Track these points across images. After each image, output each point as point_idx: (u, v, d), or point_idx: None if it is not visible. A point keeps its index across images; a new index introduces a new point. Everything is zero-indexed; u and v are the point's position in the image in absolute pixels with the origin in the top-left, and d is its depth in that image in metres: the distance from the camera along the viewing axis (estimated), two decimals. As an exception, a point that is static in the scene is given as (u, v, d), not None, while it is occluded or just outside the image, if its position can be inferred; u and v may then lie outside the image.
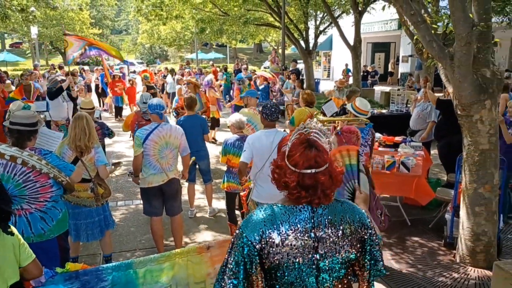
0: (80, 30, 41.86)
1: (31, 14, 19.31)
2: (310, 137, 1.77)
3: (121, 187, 7.23)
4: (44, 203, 3.22)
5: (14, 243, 2.28)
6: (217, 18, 18.91)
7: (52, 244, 3.29)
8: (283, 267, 1.69)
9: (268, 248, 1.67)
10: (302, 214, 1.71)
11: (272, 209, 1.74)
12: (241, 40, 33.03)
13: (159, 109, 4.47)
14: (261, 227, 1.69)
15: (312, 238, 1.69)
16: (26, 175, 3.10)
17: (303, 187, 1.69)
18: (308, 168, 1.69)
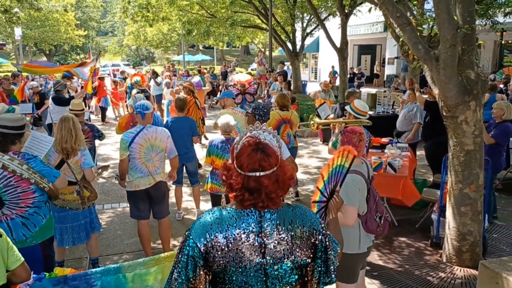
0: (65, 31, 41.42)
1: (15, 15, 19.01)
2: (261, 140, 1.75)
3: (108, 190, 7.15)
4: (26, 208, 3.15)
5: (2, 245, 2.25)
6: (204, 20, 18.89)
7: (34, 250, 3.21)
8: (230, 271, 1.67)
9: (214, 252, 1.66)
10: (250, 218, 1.69)
11: (220, 212, 1.73)
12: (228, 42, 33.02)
13: (142, 108, 4.40)
14: (207, 230, 1.68)
15: (259, 243, 1.67)
16: (7, 179, 3.04)
17: (247, 190, 1.68)
18: (252, 171, 1.68)
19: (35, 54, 50.24)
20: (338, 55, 13.46)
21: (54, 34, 40.90)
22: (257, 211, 1.71)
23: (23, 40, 37.04)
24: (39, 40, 41.33)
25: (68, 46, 49.41)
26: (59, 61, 49.97)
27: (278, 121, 6.05)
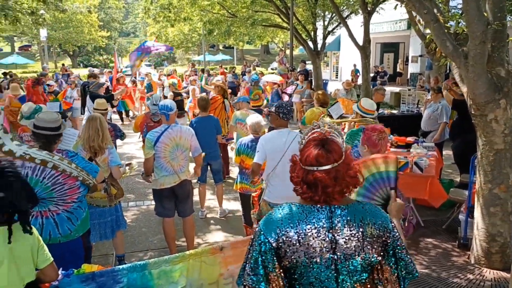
0: (89, 32, 42.19)
1: (41, 17, 19.42)
2: (325, 137, 1.78)
3: (132, 188, 7.25)
4: (71, 204, 3.23)
5: (33, 243, 2.30)
6: (225, 19, 18.90)
7: (77, 243, 3.31)
8: (301, 267, 1.68)
9: (285, 247, 1.68)
10: (320, 214, 1.71)
11: (290, 208, 1.75)
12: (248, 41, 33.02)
13: (165, 109, 4.46)
14: (278, 225, 1.70)
15: (330, 239, 1.68)
16: (54, 178, 3.10)
17: (306, 183, 1.72)
18: (310, 165, 1.71)
19: (59, 55, 51.33)
20: (361, 54, 13.30)
21: (77, 35, 41.73)
22: (327, 207, 1.72)
23: (48, 41, 37.84)
24: (63, 41, 42.19)
25: (91, 47, 50.28)
26: (82, 62, 50.95)
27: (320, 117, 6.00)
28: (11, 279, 2.14)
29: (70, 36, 41.36)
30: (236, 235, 5.38)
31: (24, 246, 2.23)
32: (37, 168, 3.07)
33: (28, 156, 3.03)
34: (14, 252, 2.16)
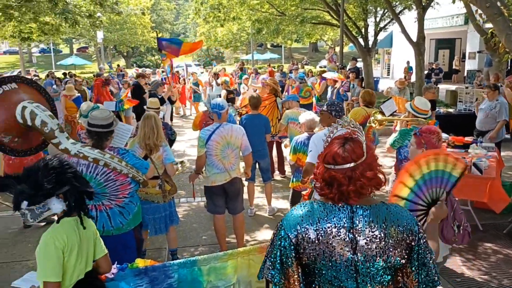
0: (142, 34, 43.69)
1: (98, 20, 20.34)
2: (349, 136, 1.78)
3: (183, 185, 7.42)
4: (123, 199, 3.36)
5: (93, 234, 2.43)
6: (274, 18, 18.92)
7: (129, 236, 3.45)
8: (319, 264, 1.69)
9: (304, 244, 1.70)
10: (341, 213, 1.70)
11: (312, 205, 1.76)
12: (296, 39, 32.86)
13: (218, 108, 4.52)
14: (298, 222, 1.72)
15: (350, 239, 1.67)
16: (107, 175, 3.25)
17: (324, 181, 1.74)
18: (327, 163, 1.73)
19: (114, 56, 53.50)
20: (415, 50, 12.85)
21: (131, 37, 43.33)
22: (348, 206, 1.72)
23: (104, 43, 39.56)
24: (118, 42, 43.98)
25: (144, 48, 52.05)
26: (135, 62, 52.81)
27: (365, 118, 5.87)
28: (79, 266, 2.26)
29: (124, 38, 43.04)
30: (285, 234, 5.37)
31: (89, 234, 2.36)
32: (90, 165, 3.22)
33: (82, 154, 3.18)
34: (83, 241, 2.29)
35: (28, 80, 3.63)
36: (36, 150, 3.56)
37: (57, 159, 2.24)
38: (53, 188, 2.14)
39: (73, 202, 2.21)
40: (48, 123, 3.19)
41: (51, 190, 2.14)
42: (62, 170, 2.19)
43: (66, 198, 2.20)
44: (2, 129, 3.24)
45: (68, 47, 58.02)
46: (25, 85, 3.46)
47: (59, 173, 2.17)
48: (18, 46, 36.20)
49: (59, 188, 2.17)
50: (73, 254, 2.21)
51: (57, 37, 24.41)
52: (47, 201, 2.16)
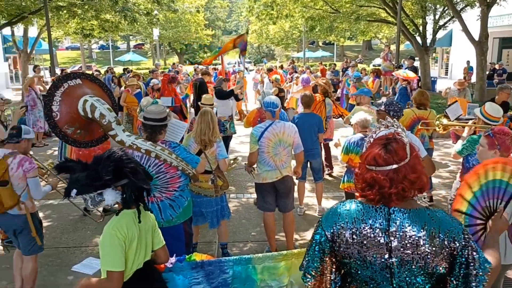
0: (195, 31, 44.62)
1: (155, 17, 21.01)
2: (392, 136, 1.74)
3: (233, 181, 7.51)
4: (173, 192, 3.46)
5: (153, 225, 2.50)
6: (327, 15, 18.70)
7: (178, 229, 3.54)
8: (355, 264, 1.69)
9: (339, 242, 1.71)
10: (378, 215, 1.68)
11: (350, 204, 1.76)
12: (349, 37, 32.26)
13: (272, 106, 4.52)
14: (336, 220, 1.73)
15: (385, 241, 1.64)
16: (158, 166, 3.36)
17: (365, 182, 1.72)
18: (368, 164, 1.71)
19: (168, 53, 55.04)
20: (476, 50, 12.23)
21: (185, 34, 44.35)
22: (386, 208, 1.69)
23: (159, 40, 40.78)
24: (172, 39, 45.14)
25: (196, 45, 53.15)
26: (188, 59, 54.07)
27: (413, 120, 5.68)
28: (138, 257, 2.34)
29: (178, 35, 44.13)
30: (335, 235, 5.29)
31: (147, 226, 2.43)
32: (143, 157, 3.36)
33: (135, 146, 3.34)
34: (142, 232, 2.36)
35: (92, 77, 3.86)
36: (96, 142, 3.76)
37: (120, 153, 2.32)
38: (110, 179, 2.22)
39: (129, 196, 2.28)
40: (106, 116, 3.39)
41: (108, 182, 2.22)
42: (121, 163, 2.26)
43: (124, 191, 2.28)
44: (67, 121, 3.47)
45: (126, 43, 60.36)
46: (88, 81, 3.69)
47: (117, 166, 2.24)
48: (79, 42, 38.14)
49: (116, 180, 2.24)
50: (132, 245, 2.29)
51: (116, 34, 25.50)
52: (103, 191, 2.25)
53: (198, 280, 2.66)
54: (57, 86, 3.52)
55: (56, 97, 3.48)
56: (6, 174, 3.54)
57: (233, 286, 2.75)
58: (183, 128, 4.32)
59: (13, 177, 3.58)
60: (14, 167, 3.58)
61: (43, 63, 33.04)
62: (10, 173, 3.56)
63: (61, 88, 3.52)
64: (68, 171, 2.29)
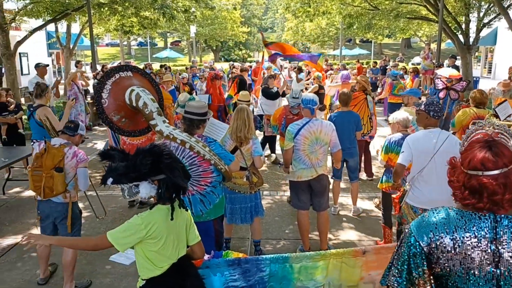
0: (231, 28, 44.91)
1: (192, 14, 21.28)
2: (492, 137, 1.59)
3: (266, 178, 7.49)
4: (204, 187, 3.48)
5: (187, 220, 2.52)
6: (366, 12, 18.35)
7: (208, 226, 3.55)
8: (455, 276, 1.56)
9: (438, 253, 1.57)
10: (482, 223, 1.55)
11: (447, 212, 1.62)
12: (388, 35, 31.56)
13: (311, 104, 4.48)
14: (432, 229, 1.59)
15: (492, 251, 1.51)
16: (192, 158, 3.41)
17: (468, 189, 1.57)
18: (473, 169, 1.56)
19: (204, 50, 55.66)
20: (523, 48, 11.67)
21: (221, 31, 44.75)
22: (492, 215, 1.56)
23: (195, 37, 41.30)
24: (208, 37, 45.64)
25: (232, 42, 53.49)
26: (223, 56, 54.48)
27: (473, 119, 5.42)
28: (171, 252, 2.37)
29: (214, 32, 44.57)
30: (370, 236, 5.20)
31: (181, 222, 2.45)
32: (178, 148, 3.42)
33: (172, 136, 3.42)
34: (174, 228, 2.38)
35: (143, 71, 4.00)
36: (139, 133, 3.88)
37: (161, 148, 2.35)
38: (146, 173, 2.25)
39: (164, 191, 2.31)
40: (149, 105, 3.50)
41: (144, 175, 2.25)
42: (160, 158, 2.29)
43: (160, 186, 2.31)
44: (113, 109, 3.61)
45: (163, 40, 61.48)
46: (139, 74, 3.84)
47: (156, 160, 2.27)
48: (119, 39, 39.14)
49: (153, 174, 2.27)
50: (160, 241, 2.31)
51: (154, 31, 26.02)
52: (140, 184, 2.28)
53: (235, 278, 2.66)
54: (109, 76, 3.68)
55: (106, 85, 3.63)
56: (62, 162, 3.74)
57: (269, 284, 2.74)
58: (224, 130, 4.34)
59: (67, 165, 3.80)
60: (69, 156, 3.80)
61: (84, 59, 34.19)
62: (65, 161, 3.77)
63: (113, 78, 3.67)
64: (109, 159, 2.35)
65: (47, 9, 14.27)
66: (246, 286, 2.73)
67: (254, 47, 59.21)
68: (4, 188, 6.90)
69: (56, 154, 3.71)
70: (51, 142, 3.82)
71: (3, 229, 5.53)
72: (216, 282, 2.68)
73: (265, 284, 2.77)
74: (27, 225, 5.58)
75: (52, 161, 3.69)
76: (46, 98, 5.67)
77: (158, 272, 2.34)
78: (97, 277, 4.31)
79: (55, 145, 3.78)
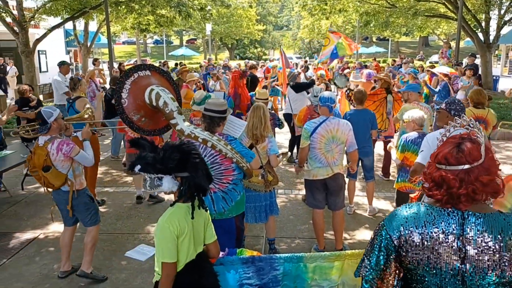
0: (247, 26, 44.91)
1: (208, 12, 21.35)
2: (467, 136, 1.66)
3: (281, 177, 7.48)
4: (226, 184, 3.48)
5: (205, 218, 2.53)
6: (383, 10, 18.15)
7: (230, 223, 3.56)
8: (422, 270, 1.62)
9: (407, 247, 1.63)
10: (451, 219, 1.60)
11: (418, 208, 1.68)
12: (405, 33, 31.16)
13: (329, 101, 4.45)
14: (402, 223, 1.66)
15: (458, 247, 1.56)
16: (214, 157, 3.41)
17: (434, 181, 1.64)
18: (438, 163, 1.64)
19: (219, 48, 55.79)
20: (546, 46, 11.40)
21: (237, 29, 44.80)
22: (459, 212, 1.60)
23: (211, 35, 41.41)
24: (224, 35, 45.73)
25: (247, 40, 53.48)
26: (238, 54, 54.55)
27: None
28: (190, 250, 2.38)
29: (230, 30, 44.64)
30: (385, 236, 5.14)
31: (200, 220, 2.47)
32: (200, 146, 3.40)
33: (193, 135, 3.41)
34: (194, 226, 2.39)
35: (160, 70, 4.02)
36: (159, 132, 3.90)
37: (190, 146, 2.38)
38: (171, 168, 2.28)
39: (185, 189, 2.33)
40: (169, 104, 3.51)
41: (169, 169, 2.29)
42: (187, 156, 2.31)
43: (182, 183, 2.33)
44: (133, 108, 3.63)
45: (179, 38, 61.83)
46: (156, 73, 3.86)
47: (182, 157, 2.29)
48: (135, 37, 39.51)
49: (178, 170, 2.30)
50: (185, 239, 2.33)
51: (170, 29, 26.18)
52: (163, 177, 2.31)
53: (249, 275, 2.66)
54: (128, 75, 3.70)
55: (126, 85, 3.65)
56: (48, 160, 3.83)
57: (283, 283, 2.73)
58: (242, 126, 4.33)
59: (55, 162, 3.87)
60: (54, 152, 3.84)
61: (101, 57, 34.57)
62: (52, 158, 3.84)
63: (131, 77, 3.70)
64: (139, 147, 2.41)
65: (65, 7, 14.48)
66: (260, 284, 2.73)
67: (269, 45, 59.17)
68: (23, 184, 7.03)
69: (40, 154, 3.82)
70: (39, 141, 3.90)
71: (22, 223, 5.63)
72: (230, 279, 2.69)
73: (279, 283, 2.76)
74: (45, 220, 5.68)
75: (39, 161, 3.82)
76: (80, 90, 6.22)
77: (178, 268, 2.35)
78: (113, 272, 4.35)
79: (41, 144, 3.86)
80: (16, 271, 4.44)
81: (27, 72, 14.07)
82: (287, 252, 4.56)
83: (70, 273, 4.28)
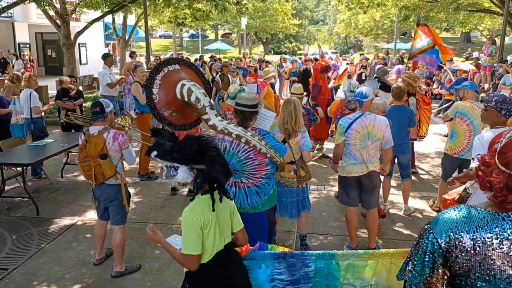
0: (282, 21, 44.67)
1: (244, 6, 21.34)
2: None
3: (314, 172, 7.40)
4: (260, 179, 3.47)
5: (231, 207, 2.53)
6: (424, 4, 17.59)
7: (262, 216, 3.55)
8: (474, 276, 1.50)
9: (457, 252, 1.52)
10: (506, 224, 1.49)
11: (469, 211, 1.56)
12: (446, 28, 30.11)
13: (359, 96, 4.35)
14: (451, 227, 1.54)
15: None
16: (247, 152, 3.39)
17: (508, 189, 1.48)
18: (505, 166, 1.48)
19: (254, 42, 55.77)
20: None
21: (272, 24, 44.63)
22: None
23: (246, 29, 41.46)
24: (259, 29, 45.66)
25: (282, 35, 53.20)
26: (273, 49, 54.35)
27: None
28: (216, 240, 2.38)
29: (265, 25, 44.54)
30: (420, 237, 5.00)
31: (225, 210, 2.47)
32: (234, 142, 3.39)
33: (227, 130, 3.38)
34: (218, 216, 2.40)
35: (189, 63, 4.03)
36: (189, 127, 3.92)
37: (209, 139, 2.38)
38: (187, 159, 2.29)
39: (200, 182, 2.34)
40: (201, 100, 3.50)
41: (186, 159, 2.30)
42: (205, 148, 2.32)
43: (198, 175, 2.34)
44: (165, 103, 3.64)
45: (214, 33, 62.23)
46: (186, 67, 3.86)
47: (200, 149, 2.30)
48: (172, 30, 40.07)
49: (194, 162, 2.31)
50: (210, 230, 2.34)
51: (206, 23, 26.37)
52: (179, 167, 2.33)
53: (280, 271, 2.65)
54: (158, 70, 3.73)
55: (156, 80, 3.68)
56: (105, 148, 3.92)
57: (314, 280, 2.70)
58: (271, 118, 4.31)
59: (111, 151, 3.97)
60: (110, 141, 3.96)
61: (139, 50, 35.28)
62: (108, 147, 3.94)
63: (161, 72, 3.72)
64: (159, 135, 2.45)
65: (105, 1, 14.83)
66: (291, 280, 2.71)
67: (304, 39, 58.65)
68: (63, 172, 7.28)
69: (97, 142, 3.90)
70: (90, 131, 3.98)
71: (61, 210, 5.84)
72: (261, 274, 2.68)
73: (310, 280, 2.73)
74: (83, 207, 5.86)
75: (95, 150, 3.90)
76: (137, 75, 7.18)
77: (206, 260, 2.37)
78: (146, 261, 4.44)
79: (94, 134, 3.94)
80: (55, 255, 4.61)
81: (67, 64, 14.52)
82: (318, 248, 4.52)
83: (104, 259, 4.42)
